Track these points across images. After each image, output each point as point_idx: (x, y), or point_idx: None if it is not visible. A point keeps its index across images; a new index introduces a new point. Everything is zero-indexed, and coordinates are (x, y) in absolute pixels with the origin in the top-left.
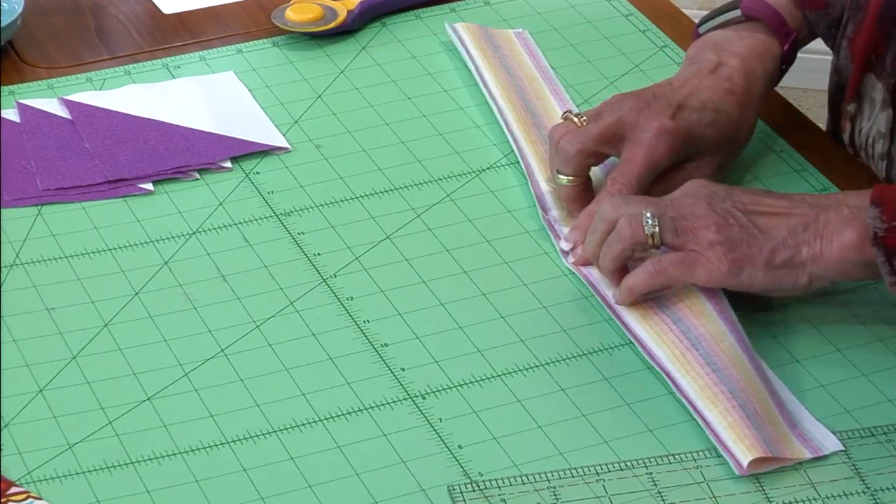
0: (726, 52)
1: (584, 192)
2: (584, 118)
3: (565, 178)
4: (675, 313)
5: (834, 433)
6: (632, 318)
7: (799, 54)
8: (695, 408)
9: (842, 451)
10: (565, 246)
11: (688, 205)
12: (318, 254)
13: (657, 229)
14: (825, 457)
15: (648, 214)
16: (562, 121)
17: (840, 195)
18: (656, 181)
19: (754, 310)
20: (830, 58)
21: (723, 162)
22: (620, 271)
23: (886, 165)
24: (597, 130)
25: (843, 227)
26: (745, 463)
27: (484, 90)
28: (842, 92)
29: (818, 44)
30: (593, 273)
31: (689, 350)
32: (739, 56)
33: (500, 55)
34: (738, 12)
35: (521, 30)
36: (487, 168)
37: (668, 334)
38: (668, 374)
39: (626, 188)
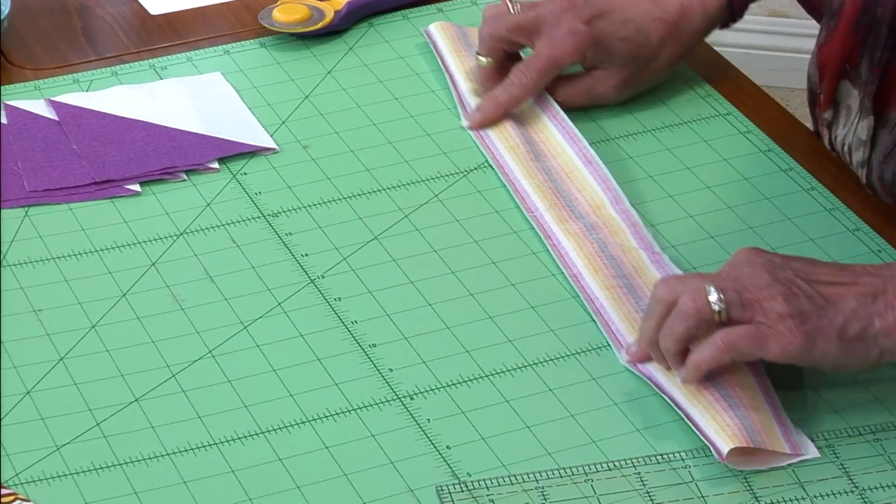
0: None
1: (495, 74)
2: (518, 7)
3: (483, 59)
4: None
5: (822, 432)
6: (617, 318)
7: (786, 53)
8: (677, 403)
9: (823, 452)
10: (625, 357)
11: (747, 275)
12: (306, 254)
13: (724, 305)
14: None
15: (713, 289)
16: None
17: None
18: (561, 81)
19: None
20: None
21: (628, 79)
22: (684, 353)
23: (866, 173)
24: (515, 21)
25: None
26: (724, 451)
27: (455, 95)
28: (814, 97)
29: (806, 42)
30: (651, 369)
31: None
32: None
33: (473, 54)
34: None
35: None
36: (475, 168)
37: None
38: (650, 376)
39: (527, 78)
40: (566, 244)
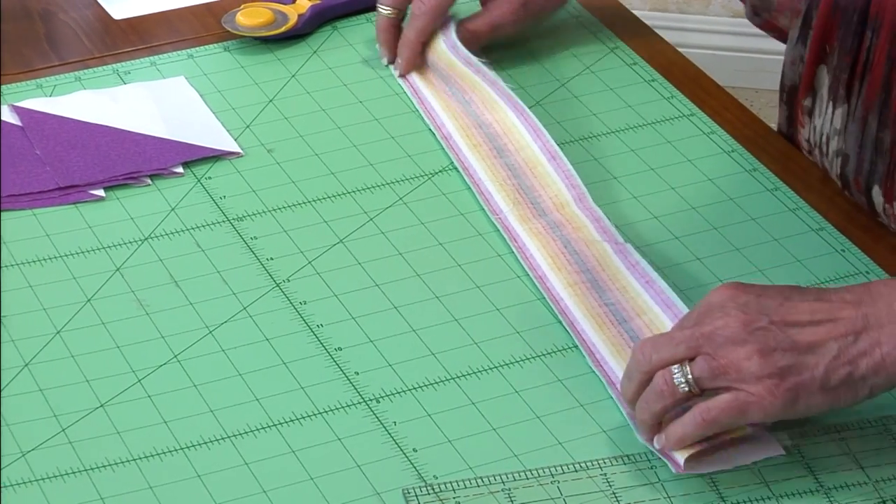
0: None
1: (394, 26)
2: None
3: (386, 9)
4: (620, 312)
5: (787, 431)
6: (581, 316)
7: (750, 54)
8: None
9: (789, 452)
10: (657, 444)
11: (720, 329)
12: (271, 258)
13: (693, 380)
14: (779, 456)
15: (676, 369)
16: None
17: (878, 286)
18: (464, 20)
19: None
20: (782, 57)
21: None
22: (659, 424)
23: (841, 163)
24: None
25: None
26: (681, 462)
27: (421, 110)
28: (795, 86)
29: (770, 43)
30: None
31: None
32: None
33: (430, 63)
34: None
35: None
36: (440, 171)
37: (617, 337)
38: (608, 376)
39: (425, 5)
40: (531, 245)
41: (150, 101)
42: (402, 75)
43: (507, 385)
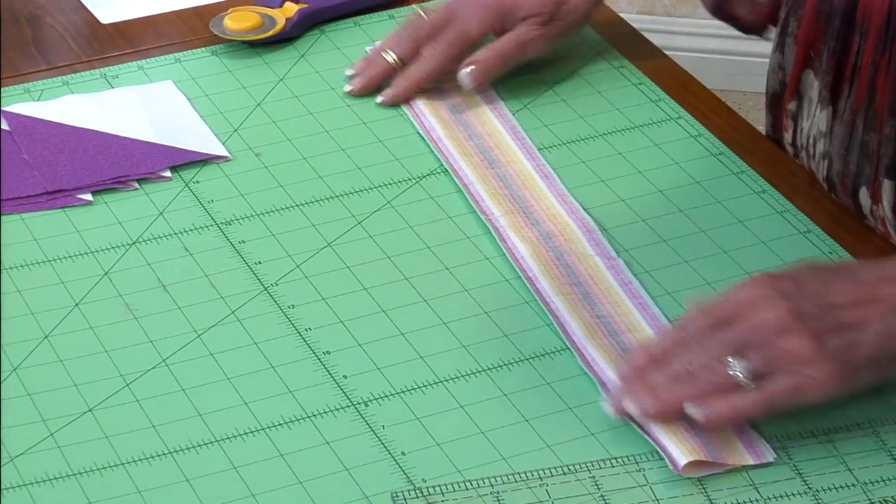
0: None
1: (391, 72)
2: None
3: (393, 57)
4: (611, 325)
5: (775, 435)
6: (572, 321)
7: (737, 57)
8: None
9: (777, 455)
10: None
11: (766, 320)
12: (259, 262)
13: (746, 372)
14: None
15: (732, 362)
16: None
17: None
18: (495, 43)
19: None
20: (765, 60)
21: (548, 24)
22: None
23: (827, 166)
24: (432, 20)
25: None
26: (681, 464)
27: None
28: (783, 90)
29: (758, 46)
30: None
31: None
32: None
33: (464, 127)
34: None
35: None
36: (428, 174)
37: (608, 346)
38: (602, 380)
39: (436, 50)
40: (522, 249)
41: (137, 106)
42: (384, 103)
43: (496, 388)
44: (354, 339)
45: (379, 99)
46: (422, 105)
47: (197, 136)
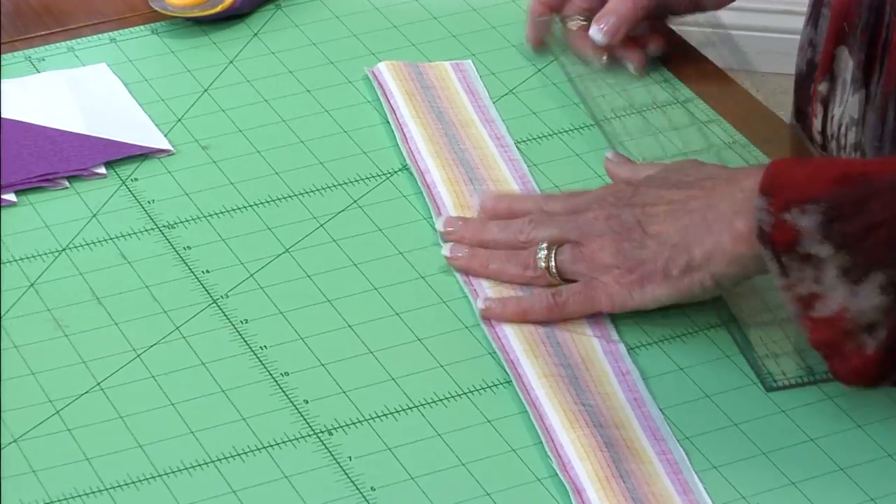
0: None
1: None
2: None
3: (579, 20)
4: (597, 416)
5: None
6: (520, 350)
7: (757, 33)
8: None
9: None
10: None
11: (589, 222)
12: (207, 271)
13: (553, 264)
14: None
15: (544, 249)
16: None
17: (739, 172)
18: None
19: None
20: (792, 36)
21: None
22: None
23: (860, 157)
24: None
25: (732, 217)
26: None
27: (401, 141)
28: (813, 70)
29: (778, 21)
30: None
31: (581, 412)
32: None
33: (430, 97)
34: None
35: (464, 62)
36: (399, 170)
37: (588, 438)
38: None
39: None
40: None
41: (67, 92)
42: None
43: (478, 414)
44: (316, 359)
45: (601, 38)
46: (421, 146)
47: (135, 127)
